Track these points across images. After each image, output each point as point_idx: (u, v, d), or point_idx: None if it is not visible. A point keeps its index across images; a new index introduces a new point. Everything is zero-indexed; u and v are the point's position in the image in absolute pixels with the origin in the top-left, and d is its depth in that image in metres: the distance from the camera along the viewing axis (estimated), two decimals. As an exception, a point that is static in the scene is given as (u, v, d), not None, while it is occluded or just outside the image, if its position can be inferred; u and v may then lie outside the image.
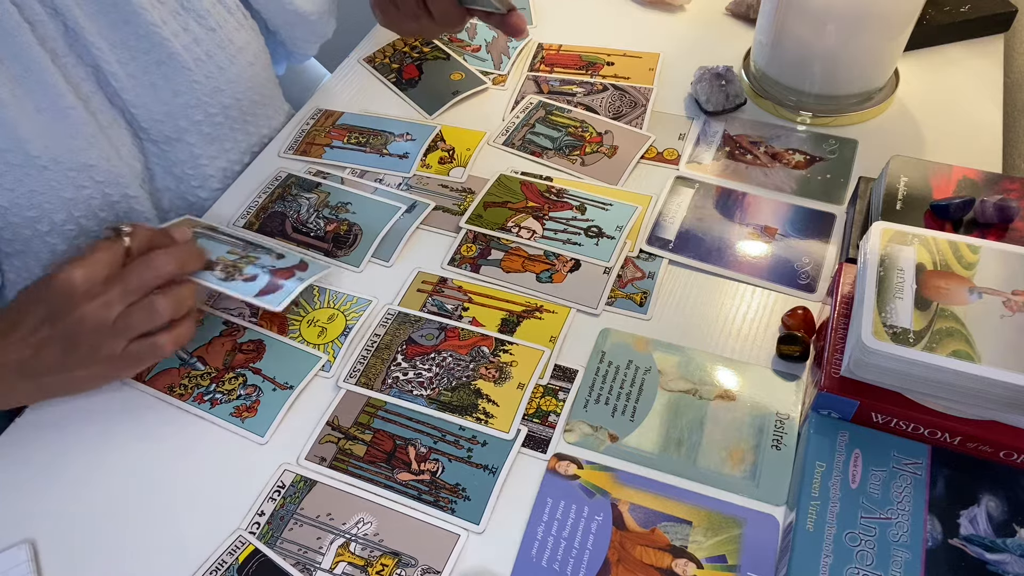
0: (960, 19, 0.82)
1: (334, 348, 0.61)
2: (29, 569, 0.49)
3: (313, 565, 0.49)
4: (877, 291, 0.49)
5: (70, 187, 0.61)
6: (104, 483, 0.54)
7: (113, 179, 0.64)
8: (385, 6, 0.68)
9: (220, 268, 0.60)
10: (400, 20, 0.68)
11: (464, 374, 0.58)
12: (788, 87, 0.77)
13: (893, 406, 0.48)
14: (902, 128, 0.76)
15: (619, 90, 0.81)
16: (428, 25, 0.68)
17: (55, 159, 0.60)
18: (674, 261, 0.65)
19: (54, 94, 0.59)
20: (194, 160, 0.71)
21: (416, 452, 0.54)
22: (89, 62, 0.62)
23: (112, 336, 0.53)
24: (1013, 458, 0.48)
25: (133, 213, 0.67)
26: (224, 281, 0.59)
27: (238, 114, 0.73)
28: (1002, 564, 0.44)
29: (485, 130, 0.78)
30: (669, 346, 0.60)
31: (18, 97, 0.58)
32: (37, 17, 0.59)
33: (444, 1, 0.65)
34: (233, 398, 0.58)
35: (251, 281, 0.59)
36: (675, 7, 0.92)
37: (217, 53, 0.69)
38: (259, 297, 0.58)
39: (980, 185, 0.60)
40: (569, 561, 0.49)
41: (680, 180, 0.72)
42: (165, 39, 0.65)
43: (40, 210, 0.60)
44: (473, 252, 0.67)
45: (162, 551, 0.51)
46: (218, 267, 0.60)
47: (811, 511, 0.47)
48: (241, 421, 0.56)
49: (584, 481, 0.52)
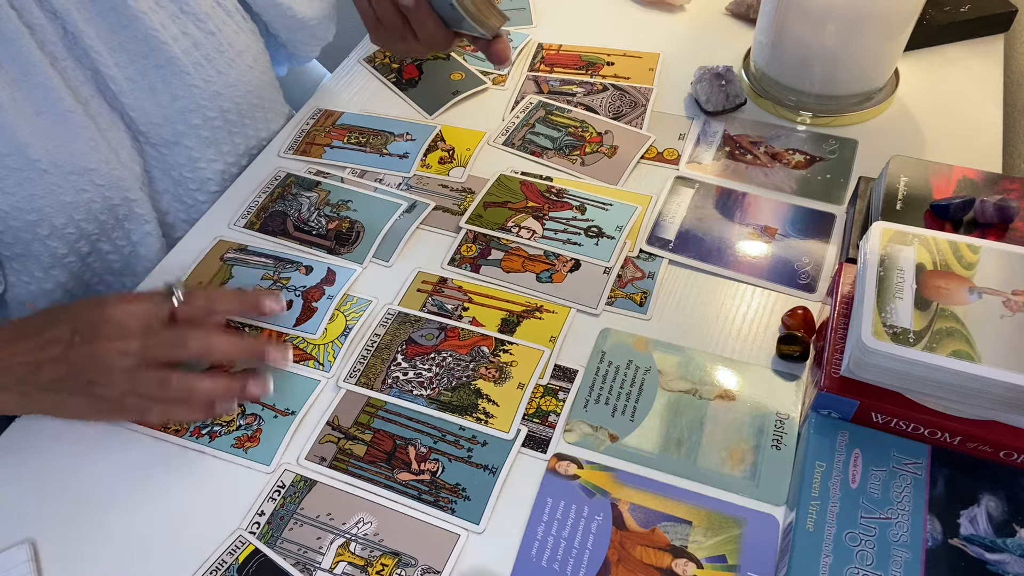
0: (960, 19, 0.82)
1: (334, 348, 0.61)
2: (29, 569, 0.49)
3: (313, 565, 0.49)
4: (877, 291, 0.49)
5: (70, 191, 0.61)
6: (104, 483, 0.54)
7: (113, 182, 0.64)
8: (373, 24, 0.67)
9: None
10: (388, 40, 0.68)
11: (464, 374, 0.58)
12: (788, 87, 0.77)
13: (893, 406, 0.48)
14: (902, 128, 0.76)
15: (619, 90, 0.82)
16: (415, 46, 0.67)
17: (55, 163, 0.60)
18: (674, 261, 0.65)
19: (54, 98, 0.59)
20: (192, 163, 0.71)
21: (416, 452, 0.54)
22: (88, 66, 0.62)
23: (114, 383, 0.52)
24: (1013, 458, 0.48)
25: (133, 216, 0.67)
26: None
27: (236, 118, 0.73)
28: (1002, 564, 0.44)
29: (485, 130, 0.78)
30: (669, 346, 0.60)
31: (18, 101, 0.58)
32: (36, 21, 0.58)
33: (430, 24, 0.64)
34: (233, 429, 0.56)
35: (287, 311, 0.63)
36: (675, 7, 0.92)
37: (216, 57, 0.69)
38: (297, 327, 0.62)
39: (980, 185, 0.60)
40: (569, 561, 0.49)
41: (680, 180, 0.72)
42: (164, 43, 0.65)
43: (40, 214, 0.60)
44: (473, 252, 0.67)
45: (162, 551, 0.51)
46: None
47: (811, 511, 0.47)
48: (244, 452, 0.55)
49: (584, 481, 0.52)
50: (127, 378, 0.52)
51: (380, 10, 0.65)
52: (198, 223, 0.71)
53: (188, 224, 0.72)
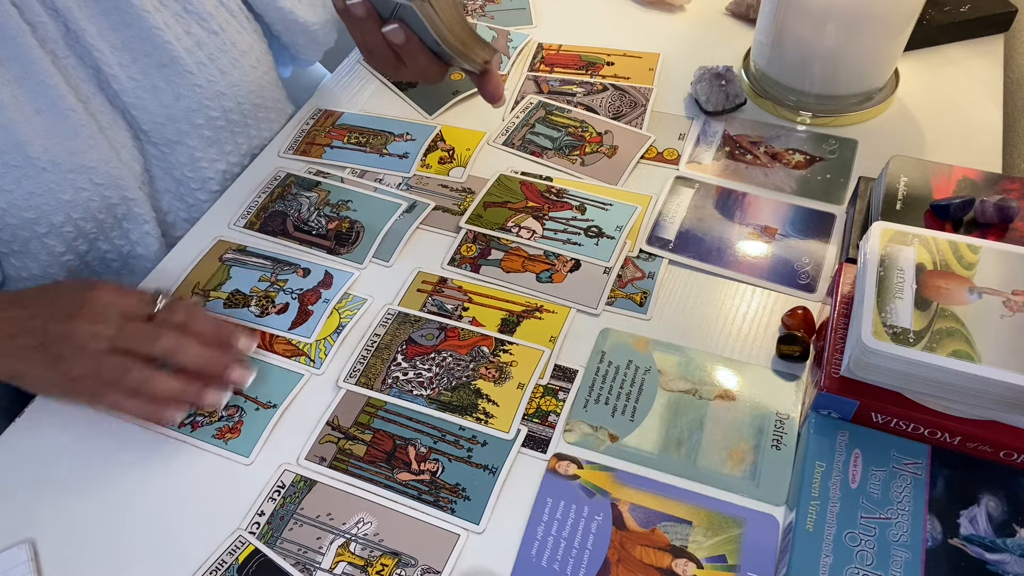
0: (960, 19, 0.83)
1: (325, 345, 0.61)
2: (29, 569, 0.49)
3: (313, 565, 0.49)
4: (877, 291, 0.49)
5: (69, 189, 0.61)
6: (104, 483, 0.54)
7: (112, 181, 0.64)
8: (366, 53, 0.67)
9: (255, 303, 0.63)
10: (381, 67, 0.68)
11: (464, 374, 0.58)
12: (788, 87, 0.77)
13: (893, 406, 0.48)
14: (902, 128, 0.76)
15: (619, 90, 0.81)
16: (408, 74, 0.67)
17: (54, 161, 0.60)
18: (674, 261, 0.65)
19: (54, 96, 0.59)
20: (194, 163, 0.71)
21: (416, 452, 0.54)
22: (89, 64, 0.62)
23: (80, 362, 0.52)
24: (1013, 458, 0.48)
25: (131, 215, 0.67)
26: (259, 317, 0.63)
27: (239, 117, 0.73)
28: (1002, 564, 0.44)
29: (485, 130, 0.78)
30: (669, 346, 0.60)
31: (18, 98, 0.58)
32: (38, 18, 0.58)
33: (421, 59, 0.64)
34: (215, 420, 0.57)
35: (283, 313, 0.63)
36: (675, 7, 0.92)
37: (219, 56, 0.69)
38: (292, 331, 0.62)
39: (980, 185, 0.60)
40: (569, 561, 0.49)
41: (680, 180, 0.72)
42: (167, 42, 0.65)
43: (38, 212, 0.60)
44: (473, 252, 0.67)
45: (162, 551, 0.51)
46: (252, 301, 0.63)
47: (811, 511, 0.47)
48: (224, 443, 0.55)
49: (584, 481, 0.52)
50: (93, 361, 0.52)
51: (371, 44, 0.65)
52: (198, 223, 0.71)
53: (189, 223, 0.72)
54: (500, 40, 0.89)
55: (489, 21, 0.92)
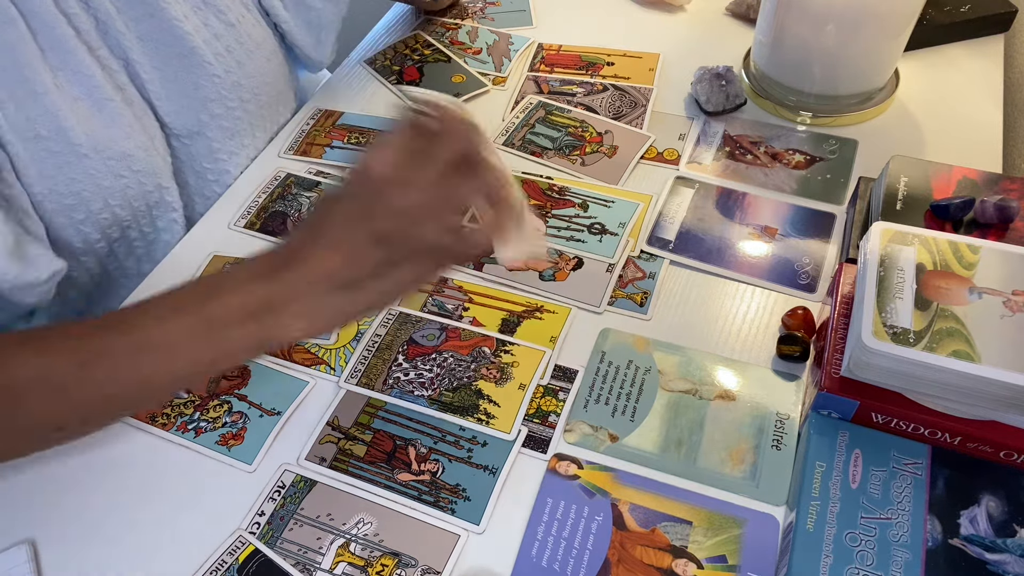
0: (960, 19, 0.82)
1: (345, 353, 0.60)
2: (29, 569, 0.49)
3: (313, 565, 0.49)
4: (877, 291, 0.49)
5: (109, 176, 0.62)
6: (104, 483, 0.54)
7: (150, 168, 0.65)
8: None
9: None
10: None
11: (465, 375, 0.58)
12: (788, 87, 0.77)
13: (893, 406, 0.48)
14: (902, 128, 0.76)
15: (619, 90, 0.81)
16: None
17: (95, 147, 0.60)
18: (674, 261, 0.65)
19: (92, 84, 0.60)
20: (212, 155, 0.71)
21: (416, 452, 0.54)
22: (120, 55, 0.63)
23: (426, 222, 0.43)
24: (1013, 458, 0.48)
25: (163, 203, 0.68)
26: None
27: (256, 108, 0.74)
28: (1002, 564, 0.44)
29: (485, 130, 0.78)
30: (669, 346, 0.60)
31: (61, 86, 0.59)
32: (71, 9, 0.59)
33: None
34: (219, 426, 0.56)
35: None
36: (675, 7, 0.92)
37: (236, 48, 0.70)
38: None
39: (980, 185, 0.60)
40: (569, 561, 0.49)
41: (680, 180, 0.72)
42: (187, 33, 0.66)
43: (78, 198, 0.61)
44: (473, 252, 0.67)
45: (162, 551, 0.51)
46: None
47: (811, 511, 0.47)
48: (228, 449, 0.55)
49: (584, 481, 0.52)
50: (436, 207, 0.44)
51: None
52: (198, 223, 0.71)
53: None
54: (501, 43, 0.89)
55: (489, 23, 0.92)
